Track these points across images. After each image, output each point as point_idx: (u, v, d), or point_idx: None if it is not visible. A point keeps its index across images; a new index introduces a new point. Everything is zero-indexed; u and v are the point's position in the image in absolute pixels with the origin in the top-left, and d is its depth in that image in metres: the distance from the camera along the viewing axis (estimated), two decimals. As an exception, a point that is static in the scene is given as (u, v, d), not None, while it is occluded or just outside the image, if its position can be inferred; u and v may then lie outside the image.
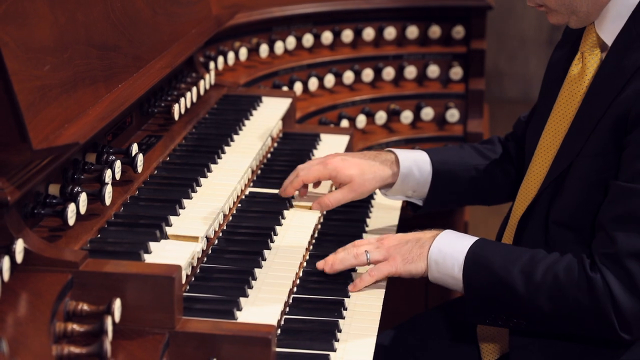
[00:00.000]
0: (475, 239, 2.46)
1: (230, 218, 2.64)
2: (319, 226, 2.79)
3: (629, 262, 2.26)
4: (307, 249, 2.61)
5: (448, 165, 2.82)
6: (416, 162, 2.80)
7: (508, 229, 2.64)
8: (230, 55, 3.71)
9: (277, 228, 2.62)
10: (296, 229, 2.64)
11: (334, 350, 2.21)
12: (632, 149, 2.30)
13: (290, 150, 3.13)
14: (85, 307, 2.01)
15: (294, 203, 2.78)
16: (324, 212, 2.85)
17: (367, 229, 2.84)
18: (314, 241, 2.70)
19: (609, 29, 2.43)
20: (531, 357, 2.48)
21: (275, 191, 2.81)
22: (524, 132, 2.77)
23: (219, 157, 2.81)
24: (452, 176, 2.82)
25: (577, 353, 2.43)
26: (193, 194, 2.55)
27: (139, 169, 2.52)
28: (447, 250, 2.44)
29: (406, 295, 3.94)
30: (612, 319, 2.28)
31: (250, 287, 2.31)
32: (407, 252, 2.47)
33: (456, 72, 4.25)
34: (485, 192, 2.88)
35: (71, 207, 2.17)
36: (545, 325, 2.40)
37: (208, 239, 2.44)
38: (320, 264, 2.51)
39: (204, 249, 2.41)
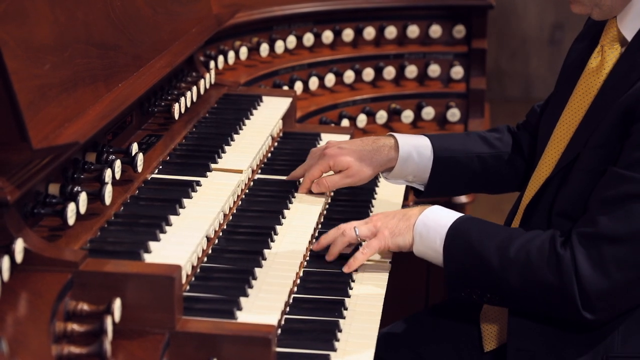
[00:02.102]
0: (460, 214, 2.50)
1: (231, 217, 2.63)
2: (320, 226, 2.78)
3: (604, 243, 2.29)
4: (307, 249, 2.61)
5: (450, 152, 2.84)
6: (416, 148, 2.82)
7: (516, 217, 2.65)
8: (231, 55, 3.71)
9: (278, 227, 2.61)
10: (297, 229, 2.64)
11: (334, 350, 2.21)
12: (633, 138, 2.31)
13: (290, 149, 3.12)
14: (85, 307, 2.00)
15: (296, 194, 2.82)
16: (324, 212, 2.85)
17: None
18: (314, 241, 2.69)
19: (631, 24, 2.43)
20: (528, 341, 2.49)
21: (276, 190, 2.81)
22: (539, 121, 2.78)
23: (219, 157, 2.81)
24: (453, 163, 2.83)
25: (573, 340, 2.44)
26: (193, 194, 2.55)
27: (139, 169, 2.51)
28: (432, 225, 2.48)
29: (407, 295, 3.94)
30: (574, 296, 2.30)
31: (251, 287, 2.31)
32: (394, 226, 2.52)
33: (457, 72, 4.24)
34: (488, 180, 2.90)
35: (71, 207, 2.16)
36: (514, 302, 2.44)
37: (208, 238, 2.43)
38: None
39: (205, 248, 2.41)
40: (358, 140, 2.86)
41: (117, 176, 2.41)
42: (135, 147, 2.52)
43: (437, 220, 2.49)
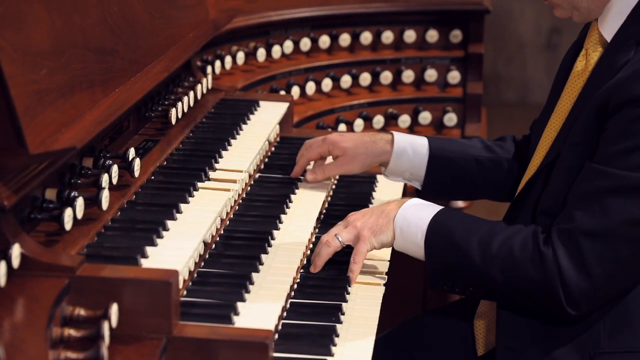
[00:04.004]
0: (440, 207, 2.51)
1: (228, 222, 2.63)
2: (317, 230, 2.78)
3: (582, 239, 2.31)
4: (304, 253, 2.61)
5: (446, 152, 2.86)
6: (412, 144, 2.85)
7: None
8: (228, 59, 3.71)
9: (275, 232, 2.61)
10: (294, 233, 2.64)
11: (331, 355, 2.21)
12: (608, 133, 2.34)
13: (287, 154, 3.12)
14: (82, 312, 2.00)
15: (293, 199, 2.82)
16: (321, 217, 2.85)
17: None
18: (311, 245, 2.70)
19: (610, 26, 2.46)
20: (516, 339, 2.50)
21: (273, 194, 2.81)
22: None
23: (216, 162, 2.81)
24: (449, 163, 2.86)
25: (561, 337, 2.45)
26: (190, 198, 2.55)
27: (136, 174, 2.51)
28: (412, 219, 2.49)
29: (404, 299, 3.94)
30: (559, 293, 2.33)
31: (248, 292, 2.31)
32: (373, 224, 2.52)
33: (454, 76, 4.25)
34: (486, 185, 2.91)
35: (68, 212, 2.16)
36: (497, 296, 2.47)
37: (205, 243, 2.43)
38: (312, 269, 2.55)
39: (202, 253, 2.41)
40: (359, 133, 2.92)
41: (114, 181, 2.41)
42: (132, 152, 2.52)
43: (417, 213, 2.49)
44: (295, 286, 2.49)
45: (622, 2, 2.44)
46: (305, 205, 2.81)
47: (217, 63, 3.60)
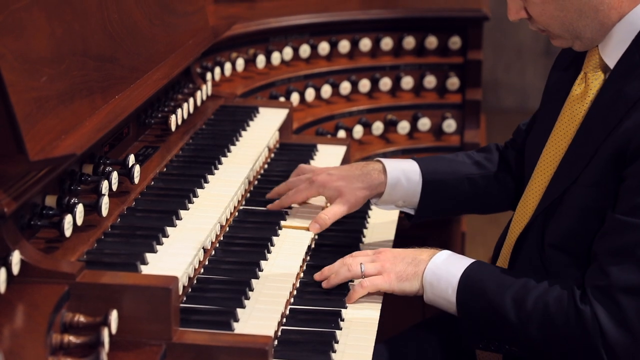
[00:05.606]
0: (470, 261, 2.46)
1: (227, 229, 2.64)
2: (316, 237, 2.78)
3: (621, 296, 2.26)
4: (304, 260, 2.61)
5: (438, 175, 2.81)
6: (404, 172, 2.80)
7: (505, 247, 2.63)
8: (227, 66, 3.72)
9: (274, 238, 2.62)
10: (293, 240, 2.64)
11: (331, 361, 2.21)
12: (630, 182, 2.29)
13: (287, 160, 3.13)
14: (82, 318, 2.01)
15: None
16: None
17: (364, 239, 2.83)
18: (310, 252, 2.70)
19: (612, 52, 2.42)
20: None
21: (272, 201, 2.81)
22: (524, 141, 2.77)
23: (216, 168, 2.82)
24: (442, 186, 2.82)
25: None
26: (190, 205, 2.55)
27: (136, 180, 2.52)
28: (442, 273, 2.44)
29: (403, 305, 3.93)
30: (600, 352, 2.28)
31: (247, 298, 2.31)
32: (402, 270, 2.48)
33: (453, 83, 4.26)
34: (479, 202, 2.88)
35: (68, 219, 2.17)
36: (536, 353, 2.41)
37: (205, 249, 2.44)
38: (317, 276, 2.53)
39: (201, 259, 2.41)
40: (346, 166, 2.84)
41: (114, 188, 2.42)
42: (132, 159, 2.53)
43: (448, 268, 2.45)
44: (295, 292, 2.49)
45: (624, 29, 2.39)
46: (304, 212, 2.81)
47: (217, 70, 3.60)
